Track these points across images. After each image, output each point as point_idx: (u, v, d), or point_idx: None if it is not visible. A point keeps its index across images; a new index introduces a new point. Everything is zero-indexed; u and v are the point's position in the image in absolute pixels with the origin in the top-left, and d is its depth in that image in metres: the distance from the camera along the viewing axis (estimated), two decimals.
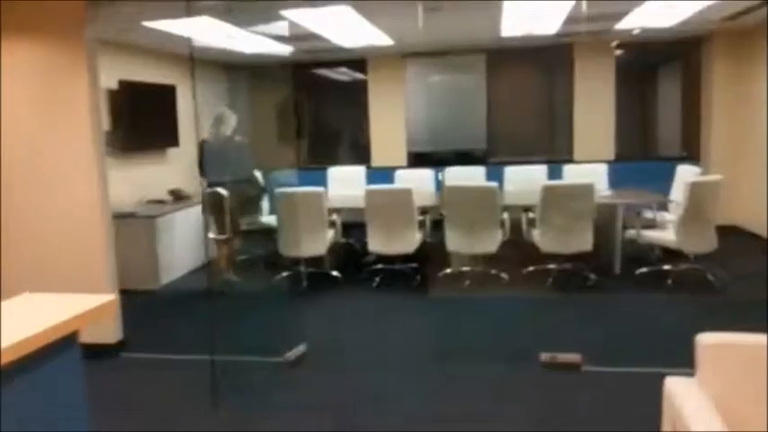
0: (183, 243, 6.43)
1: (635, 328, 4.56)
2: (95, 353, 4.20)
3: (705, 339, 2.19)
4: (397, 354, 4.23)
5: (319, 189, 5.50)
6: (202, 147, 6.02)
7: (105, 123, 6.07)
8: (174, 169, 7.40)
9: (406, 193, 5.50)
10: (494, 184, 5.56)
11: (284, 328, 4.79)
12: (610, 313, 4.95)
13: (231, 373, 3.87)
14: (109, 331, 4.29)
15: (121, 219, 5.96)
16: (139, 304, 5.49)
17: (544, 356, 3.89)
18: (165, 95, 7.10)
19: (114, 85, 6.19)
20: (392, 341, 4.50)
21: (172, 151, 7.36)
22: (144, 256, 5.97)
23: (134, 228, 5.94)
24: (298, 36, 6.38)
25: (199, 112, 8.04)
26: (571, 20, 6.01)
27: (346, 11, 5.14)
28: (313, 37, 6.45)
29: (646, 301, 5.15)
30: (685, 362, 2.40)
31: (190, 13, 4.93)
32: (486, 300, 5.38)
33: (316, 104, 9.62)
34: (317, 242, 5.58)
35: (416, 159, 8.55)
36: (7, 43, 4.12)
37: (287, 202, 5.59)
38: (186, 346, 4.36)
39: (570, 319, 4.83)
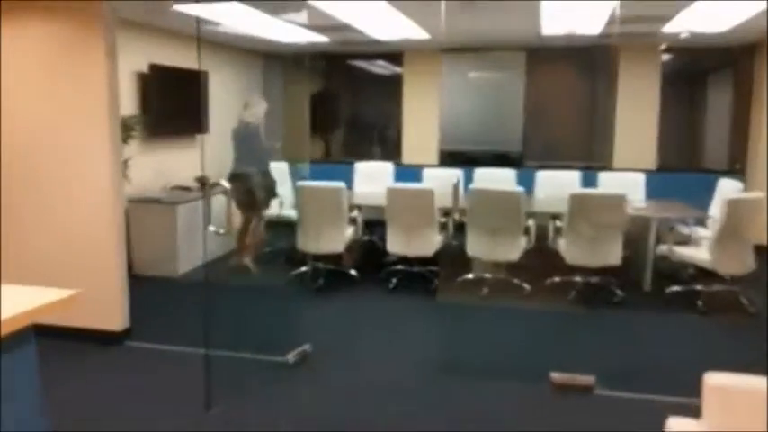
0: (202, 232, 6.40)
1: (658, 351, 4.31)
2: (100, 340, 4.21)
3: (713, 380, 1.99)
4: (402, 362, 4.07)
5: (339, 184, 5.37)
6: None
7: (133, 107, 6.11)
8: (204, 156, 7.36)
9: (428, 194, 5.33)
10: (518, 188, 5.34)
11: (292, 325, 4.71)
12: (633, 333, 4.70)
13: (230, 370, 3.79)
14: (115, 318, 4.26)
15: (144, 204, 6.00)
16: (153, 292, 5.49)
17: (555, 377, 3.70)
18: (197, 81, 7.07)
19: (145, 68, 6.17)
20: (399, 348, 4.35)
21: (203, 138, 7.33)
22: (164, 243, 5.96)
23: (156, 214, 5.94)
24: (332, 27, 6.27)
25: (233, 100, 8.05)
26: (615, 21, 5.74)
27: (377, 2, 4.99)
28: (347, 28, 6.33)
29: (673, 322, 4.88)
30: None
31: None
32: (503, 310, 5.18)
33: (349, 97, 9.51)
34: (335, 239, 5.46)
35: (448, 158, 8.35)
36: (19, 19, 4.09)
37: (306, 197, 5.49)
38: (192, 339, 4.27)
39: (590, 337, 4.61)
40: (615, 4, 4.99)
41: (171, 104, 6.60)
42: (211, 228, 3.44)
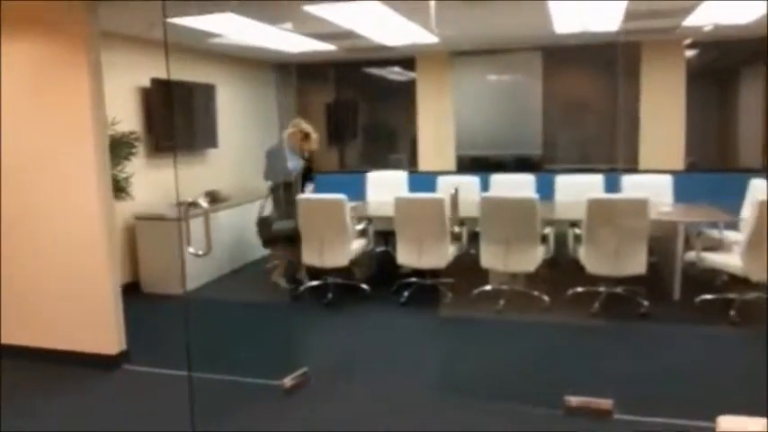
0: (216, 246, 6.22)
1: (686, 368, 3.97)
2: (95, 364, 4.05)
3: (725, 423, 1.71)
4: (408, 385, 3.83)
5: (339, 196, 5.15)
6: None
7: (137, 123, 5.99)
8: (213, 171, 7.26)
9: (438, 203, 5.08)
10: (534, 195, 5.06)
11: (293, 345, 4.50)
12: (658, 348, 4.36)
13: (220, 395, 3.59)
14: (110, 342, 4.10)
15: (150, 221, 5.87)
16: (158, 311, 5.34)
17: (570, 400, 3.41)
18: (204, 95, 6.96)
19: (147, 83, 6.06)
20: (406, 369, 4.09)
21: (211, 152, 7.22)
22: (172, 260, 5.81)
23: (161, 230, 5.80)
24: (337, 34, 6.09)
25: (242, 113, 7.93)
26: (633, 15, 5.44)
27: (374, 6, 4.78)
28: (353, 35, 6.14)
29: (704, 334, 4.54)
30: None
31: (210, 9, 4.75)
32: (520, 324, 4.89)
33: (364, 105, 9.32)
34: (339, 253, 5.25)
35: (467, 163, 8.09)
36: (5, 37, 3.99)
37: (306, 210, 5.29)
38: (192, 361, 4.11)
39: (612, 353, 4.29)
40: None
41: (176, 119, 6.48)
42: (190, 249, 3.26)
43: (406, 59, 8.18)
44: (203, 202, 3.42)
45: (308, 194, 5.51)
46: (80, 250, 4.05)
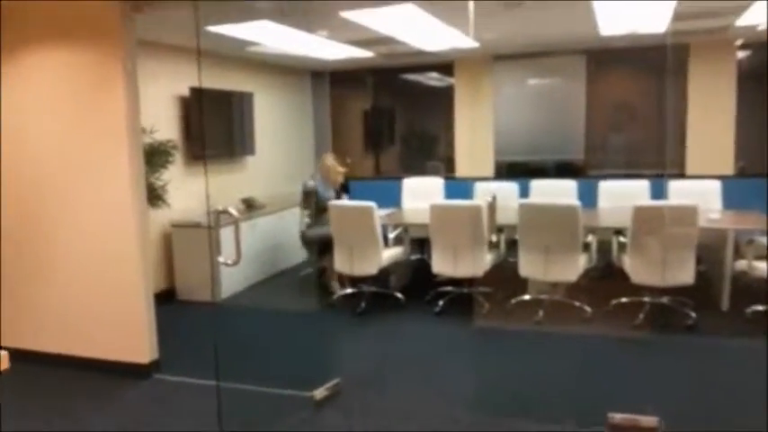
0: (251, 254, 6.25)
1: (734, 384, 3.75)
2: (127, 373, 4.06)
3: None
4: (442, 398, 3.71)
5: (369, 203, 5.06)
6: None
7: (176, 131, 6.03)
8: (250, 178, 7.27)
9: (475, 210, 4.95)
10: (575, 201, 4.89)
11: (326, 355, 4.42)
12: (706, 362, 4.14)
13: (250, 406, 3.53)
14: (142, 351, 4.09)
15: (186, 228, 5.89)
16: (193, 318, 5.34)
17: (613, 418, 3.24)
18: (241, 102, 6.98)
19: (186, 92, 6.10)
20: (438, 384, 3.94)
21: (249, 159, 7.24)
22: (205, 267, 5.82)
23: (196, 238, 5.81)
24: (375, 40, 6.03)
25: (280, 120, 7.94)
26: (682, 16, 5.22)
27: (412, 10, 4.70)
28: (391, 41, 6.07)
29: (752, 348, 4.29)
30: None
31: (245, 16, 4.74)
32: (560, 336, 4.71)
33: (401, 111, 9.23)
34: (370, 261, 5.16)
35: (506, 169, 7.93)
36: (39, 47, 4.06)
37: (336, 216, 5.23)
38: (222, 371, 4.07)
39: (657, 367, 4.08)
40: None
41: (214, 127, 6.51)
42: (220, 258, 3.21)
43: (445, 65, 8.07)
44: (233, 211, 3.36)
45: (339, 201, 5.45)
46: (113, 259, 4.06)
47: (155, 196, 5.21)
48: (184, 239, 5.87)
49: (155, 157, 5.22)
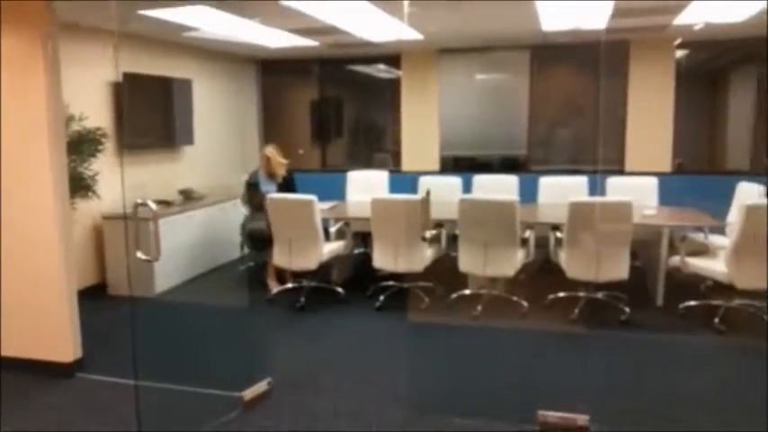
0: (187, 247, 6.07)
1: (666, 380, 3.80)
2: (50, 372, 3.86)
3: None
4: (378, 396, 3.64)
5: (309, 197, 4.96)
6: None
7: (108, 119, 5.79)
8: (188, 168, 7.06)
9: (414, 205, 4.91)
10: (513, 197, 4.89)
11: (259, 353, 4.31)
12: (639, 357, 4.19)
13: (175, 407, 3.40)
14: (64, 349, 3.90)
15: (118, 220, 5.66)
16: (123, 314, 5.13)
17: (543, 415, 3.24)
18: (179, 90, 6.75)
19: (119, 77, 5.86)
20: (375, 378, 3.89)
21: (187, 149, 7.02)
22: (137, 261, 5.59)
23: (129, 230, 5.58)
24: (319, 29, 5.90)
25: (221, 108, 7.73)
26: (622, 13, 5.27)
27: (353, 2, 4.61)
28: (335, 30, 5.96)
29: (686, 343, 4.37)
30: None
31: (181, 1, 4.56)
32: (497, 331, 4.71)
33: (348, 103, 9.12)
34: (308, 255, 5.06)
35: (451, 164, 7.92)
36: None
37: (275, 210, 5.10)
38: (150, 370, 3.90)
39: (590, 363, 4.11)
40: None
41: (149, 115, 6.28)
42: (139, 254, 3.07)
43: (392, 56, 8.00)
44: (152, 204, 3.20)
45: (278, 194, 5.32)
46: (34, 253, 3.85)
47: (84, 186, 4.99)
48: (115, 232, 5.65)
49: (83, 145, 4.99)
